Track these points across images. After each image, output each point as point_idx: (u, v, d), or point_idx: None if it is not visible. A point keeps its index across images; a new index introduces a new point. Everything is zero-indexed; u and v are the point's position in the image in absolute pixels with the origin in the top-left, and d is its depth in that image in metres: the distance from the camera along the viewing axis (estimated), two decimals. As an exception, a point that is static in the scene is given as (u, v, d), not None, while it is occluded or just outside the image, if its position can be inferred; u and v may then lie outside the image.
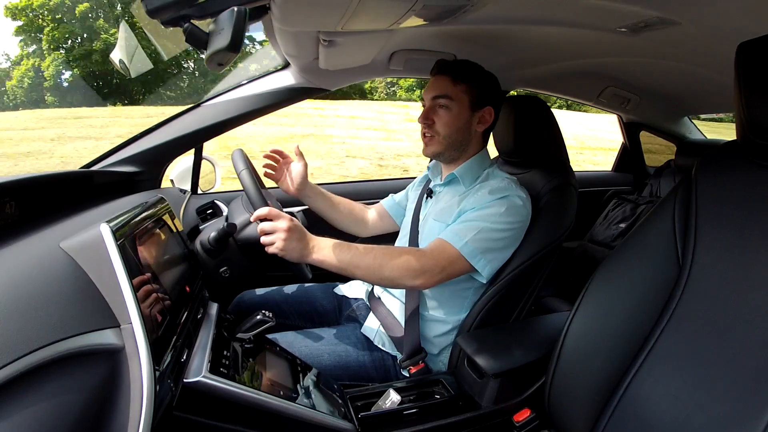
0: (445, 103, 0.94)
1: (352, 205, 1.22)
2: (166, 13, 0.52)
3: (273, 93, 1.25)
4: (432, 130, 0.97)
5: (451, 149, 0.98)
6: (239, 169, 0.90)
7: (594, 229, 1.75)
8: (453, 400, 0.86)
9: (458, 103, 0.94)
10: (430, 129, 0.97)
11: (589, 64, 1.29)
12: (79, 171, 0.99)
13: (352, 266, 0.81)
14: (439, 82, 0.96)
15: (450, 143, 0.97)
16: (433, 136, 0.97)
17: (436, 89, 0.95)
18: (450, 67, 0.96)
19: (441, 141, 0.97)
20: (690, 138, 1.92)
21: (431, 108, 0.96)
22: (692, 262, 0.63)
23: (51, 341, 0.41)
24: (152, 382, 0.48)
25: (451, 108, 0.94)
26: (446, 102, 0.94)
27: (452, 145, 0.97)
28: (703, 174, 0.67)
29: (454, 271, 0.87)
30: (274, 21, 0.78)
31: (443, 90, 0.94)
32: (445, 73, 0.95)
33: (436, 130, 0.96)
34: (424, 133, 0.98)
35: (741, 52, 0.58)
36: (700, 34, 0.84)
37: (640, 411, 0.61)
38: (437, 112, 0.95)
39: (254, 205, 0.84)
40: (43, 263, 0.49)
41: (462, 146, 0.98)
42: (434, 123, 0.96)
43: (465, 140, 0.98)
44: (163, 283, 0.64)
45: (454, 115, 0.95)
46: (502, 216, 0.87)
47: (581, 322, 0.72)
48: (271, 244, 0.79)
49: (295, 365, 0.84)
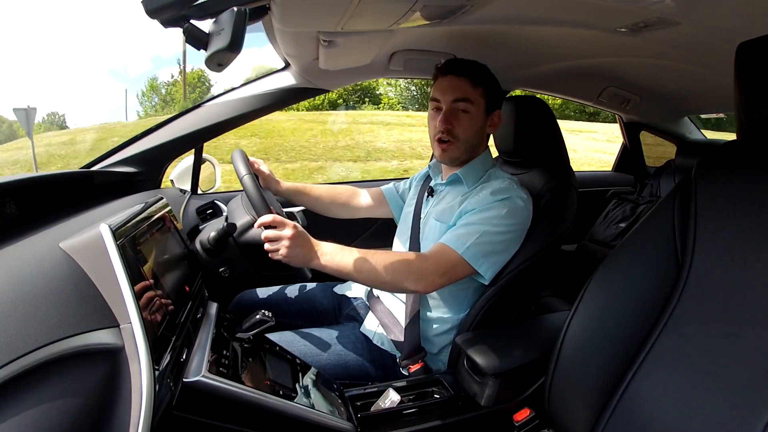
0: (465, 107, 0.91)
1: (335, 192, 1.22)
2: (166, 13, 0.52)
3: (273, 93, 1.25)
4: (451, 135, 0.93)
5: (467, 153, 0.97)
6: (241, 174, 0.89)
7: (594, 228, 1.75)
8: (452, 399, 0.86)
9: (477, 106, 0.92)
10: (449, 134, 0.93)
11: (589, 64, 1.29)
12: (79, 171, 0.99)
13: (355, 271, 0.82)
14: (458, 84, 0.91)
15: (467, 148, 0.96)
16: (451, 141, 0.93)
17: (457, 92, 0.91)
18: (469, 69, 0.92)
19: (460, 146, 0.94)
20: (690, 138, 1.92)
21: (452, 112, 0.92)
22: (692, 261, 0.63)
23: (50, 341, 0.41)
24: (152, 381, 0.48)
25: (470, 112, 0.92)
26: (466, 106, 0.91)
27: (469, 150, 0.96)
28: (702, 174, 0.67)
29: (456, 275, 0.87)
30: (274, 21, 0.78)
31: (464, 93, 0.91)
32: (464, 75, 0.91)
33: (456, 135, 0.93)
34: (440, 138, 0.93)
35: (741, 52, 0.58)
36: (700, 34, 0.84)
37: (639, 411, 0.61)
38: (458, 116, 0.92)
39: (258, 211, 0.84)
40: (42, 263, 0.49)
41: (476, 149, 0.98)
42: (454, 127, 0.92)
43: (479, 143, 0.98)
44: (162, 282, 0.64)
45: (473, 119, 0.92)
46: (504, 218, 0.87)
47: (581, 322, 0.72)
48: (275, 251, 0.80)
49: (294, 365, 0.84)
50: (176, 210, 1.01)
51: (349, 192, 1.24)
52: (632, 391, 0.63)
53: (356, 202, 1.24)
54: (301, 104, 11.31)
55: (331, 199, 1.21)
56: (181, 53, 18.02)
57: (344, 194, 1.23)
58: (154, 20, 0.52)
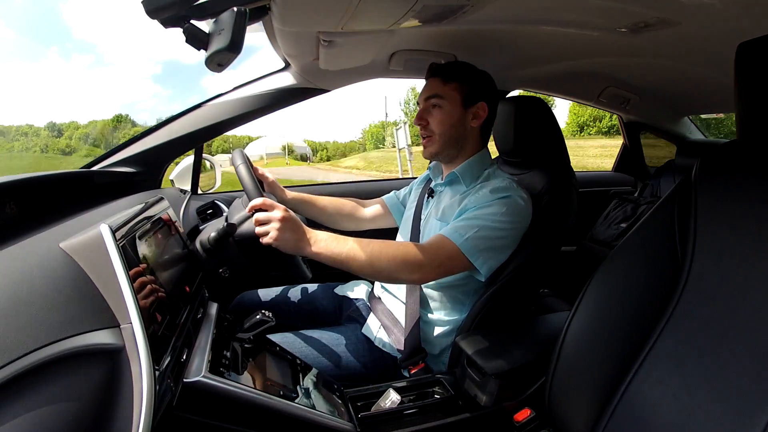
0: (436, 102, 0.97)
1: (339, 204, 1.22)
2: (166, 13, 0.52)
3: (273, 93, 1.25)
4: (427, 131, 0.99)
5: (448, 147, 0.99)
6: (237, 163, 0.90)
7: (595, 229, 1.76)
8: (453, 399, 0.86)
9: (449, 101, 0.97)
10: (426, 129, 1.00)
11: (589, 64, 1.29)
12: (79, 171, 0.99)
13: (349, 259, 0.80)
14: (430, 84, 0.99)
15: (446, 141, 0.99)
16: (430, 136, 1.00)
17: (428, 90, 0.99)
18: (440, 69, 0.99)
19: (437, 140, 0.99)
20: (690, 138, 1.92)
21: (425, 109, 0.99)
22: (692, 262, 0.63)
23: (50, 341, 0.41)
24: (152, 381, 0.48)
25: (442, 106, 0.97)
26: (437, 101, 0.97)
27: (448, 143, 0.99)
28: (703, 174, 0.66)
29: (452, 268, 0.86)
30: (274, 21, 0.78)
31: (434, 90, 0.98)
32: (435, 75, 0.99)
33: (431, 130, 0.99)
34: (422, 135, 1.01)
35: (741, 52, 0.58)
36: (700, 34, 0.84)
37: (639, 411, 0.61)
38: (430, 112, 0.98)
39: (249, 195, 0.84)
40: (42, 263, 0.49)
41: (459, 143, 0.99)
42: (428, 123, 0.99)
43: (461, 137, 0.99)
44: (162, 283, 0.64)
45: (446, 113, 0.97)
46: (503, 216, 0.87)
47: (581, 322, 0.72)
48: (265, 234, 0.78)
49: (295, 365, 0.84)
50: (176, 210, 1.01)
51: (353, 203, 1.25)
52: (632, 390, 0.63)
53: (360, 214, 1.24)
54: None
55: (336, 210, 1.21)
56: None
57: (348, 205, 1.24)
58: (154, 20, 0.52)
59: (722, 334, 0.56)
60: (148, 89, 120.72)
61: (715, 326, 0.57)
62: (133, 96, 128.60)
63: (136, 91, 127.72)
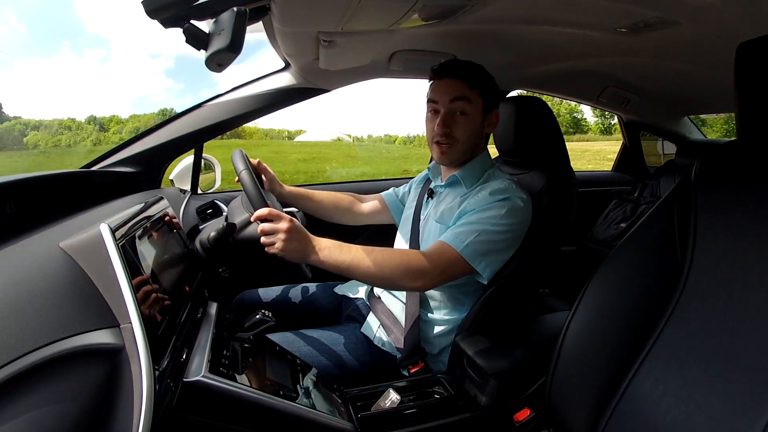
0: (463, 108, 0.91)
1: (337, 198, 1.22)
2: (166, 13, 0.52)
3: (273, 93, 1.25)
4: (450, 138, 0.93)
5: (466, 155, 0.97)
6: (239, 169, 0.90)
7: (595, 228, 1.76)
8: (453, 399, 0.86)
9: (474, 107, 0.92)
10: (448, 137, 0.93)
11: (589, 64, 1.29)
12: (79, 171, 0.99)
13: (352, 267, 0.81)
14: (453, 85, 0.92)
15: (466, 149, 0.96)
16: (451, 144, 0.94)
17: (454, 91, 0.91)
18: (465, 71, 0.92)
19: (459, 148, 0.95)
20: (690, 138, 1.92)
21: (450, 113, 0.92)
22: (692, 261, 0.63)
23: (50, 341, 0.41)
24: (152, 381, 0.48)
25: (468, 114, 0.92)
26: (464, 106, 0.91)
27: (468, 151, 0.97)
28: (703, 174, 0.66)
29: (454, 273, 0.87)
30: (274, 21, 0.78)
31: (461, 92, 0.91)
32: (459, 77, 0.92)
33: (455, 137, 0.93)
34: (439, 141, 0.94)
35: (741, 52, 0.58)
36: (700, 34, 0.84)
37: (639, 410, 0.61)
38: (456, 118, 0.92)
39: (254, 205, 0.84)
40: (42, 263, 0.49)
41: (474, 150, 0.98)
42: (452, 130, 0.93)
43: (478, 144, 0.98)
44: (162, 282, 0.64)
45: (471, 120, 0.93)
46: (503, 218, 0.87)
47: (581, 322, 0.72)
48: (271, 244, 0.79)
49: (294, 365, 0.84)
50: (176, 210, 1.01)
51: (351, 198, 1.25)
52: (632, 390, 0.63)
53: (358, 208, 1.24)
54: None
55: (334, 205, 1.21)
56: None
57: (346, 200, 1.23)
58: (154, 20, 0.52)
59: (722, 334, 0.56)
60: (161, 83, 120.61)
61: (715, 326, 0.57)
62: (146, 90, 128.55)
63: (149, 85, 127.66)
